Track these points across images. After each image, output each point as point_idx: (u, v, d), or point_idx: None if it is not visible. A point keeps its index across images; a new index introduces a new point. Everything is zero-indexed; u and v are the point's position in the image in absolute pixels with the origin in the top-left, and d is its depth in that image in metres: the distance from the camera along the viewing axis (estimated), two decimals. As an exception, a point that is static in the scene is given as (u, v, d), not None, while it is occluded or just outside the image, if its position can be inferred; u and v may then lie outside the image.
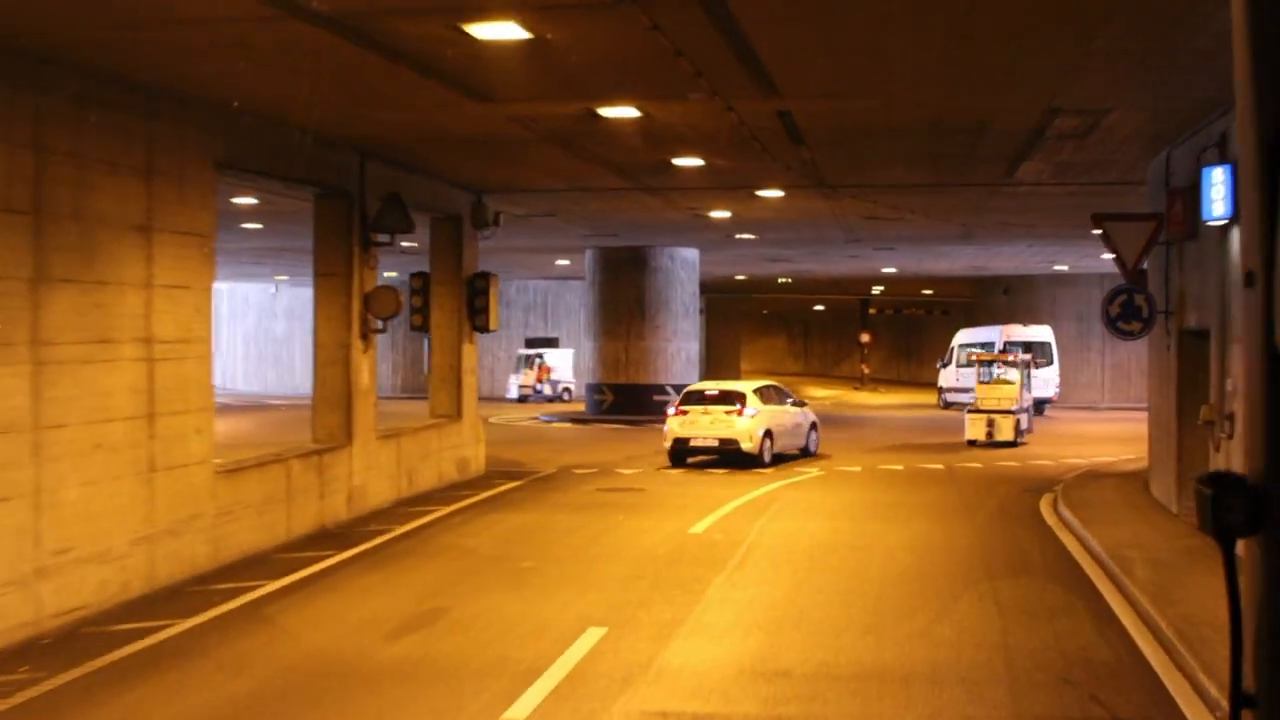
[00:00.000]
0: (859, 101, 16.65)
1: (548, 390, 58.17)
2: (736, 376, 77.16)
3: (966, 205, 29.26)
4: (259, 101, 16.47)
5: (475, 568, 16.52)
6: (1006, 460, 29.93)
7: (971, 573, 16.00)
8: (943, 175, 24.63)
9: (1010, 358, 36.04)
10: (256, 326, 67.78)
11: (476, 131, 18.83)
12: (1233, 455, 16.08)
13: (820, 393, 72.76)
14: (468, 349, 25.72)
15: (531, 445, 34.23)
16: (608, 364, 43.36)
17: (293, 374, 64.17)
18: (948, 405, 51.38)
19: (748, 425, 27.58)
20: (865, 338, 76.86)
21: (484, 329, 25.58)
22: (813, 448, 30.65)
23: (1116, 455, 30.26)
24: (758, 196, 27.25)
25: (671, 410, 28.49)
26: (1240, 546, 1.64)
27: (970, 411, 33.93)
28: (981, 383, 34.82)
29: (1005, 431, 32.90)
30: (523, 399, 57.74)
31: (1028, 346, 45.35)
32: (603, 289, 43.63)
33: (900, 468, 28.38)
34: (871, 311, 78.93)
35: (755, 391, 28.68)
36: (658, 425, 37.53)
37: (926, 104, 17.08)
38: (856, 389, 74.88)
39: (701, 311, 76.86)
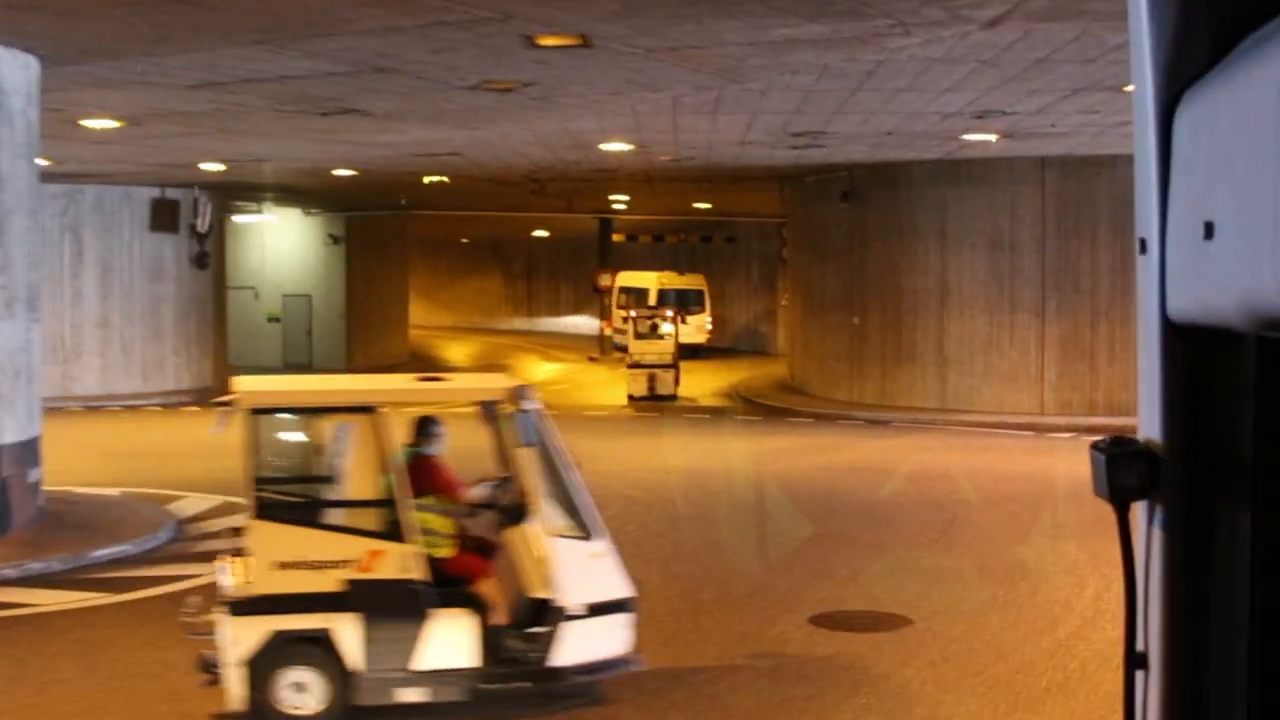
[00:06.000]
0: None
1: None
2: (401, 337, 48.16)
3: None
4: None
5: None
6: None
7: None
8: None
9: (666, 313, 35.91)
10: None
11: None
12: None
13: (544, 368, 44.26)
14: None
15: None
16: None
17: None
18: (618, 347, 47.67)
19: None
20: (605, 280, 48.41)
21: None
22: None
23: None
24: None
25: None
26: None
27: (631, 367, 33.73)
28: (638, 337, 34.08)
29: (665, 386, 32.86)
30: None
31: (681, 295, 47.12)
32: None
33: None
34: (617, 239, 50.39)
35: None
36: None
37: None
38: (593, 361, 46.51)
39: (337, 240, 47.67)
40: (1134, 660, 1.67)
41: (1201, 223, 1.43)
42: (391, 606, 9.04)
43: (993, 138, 23.65)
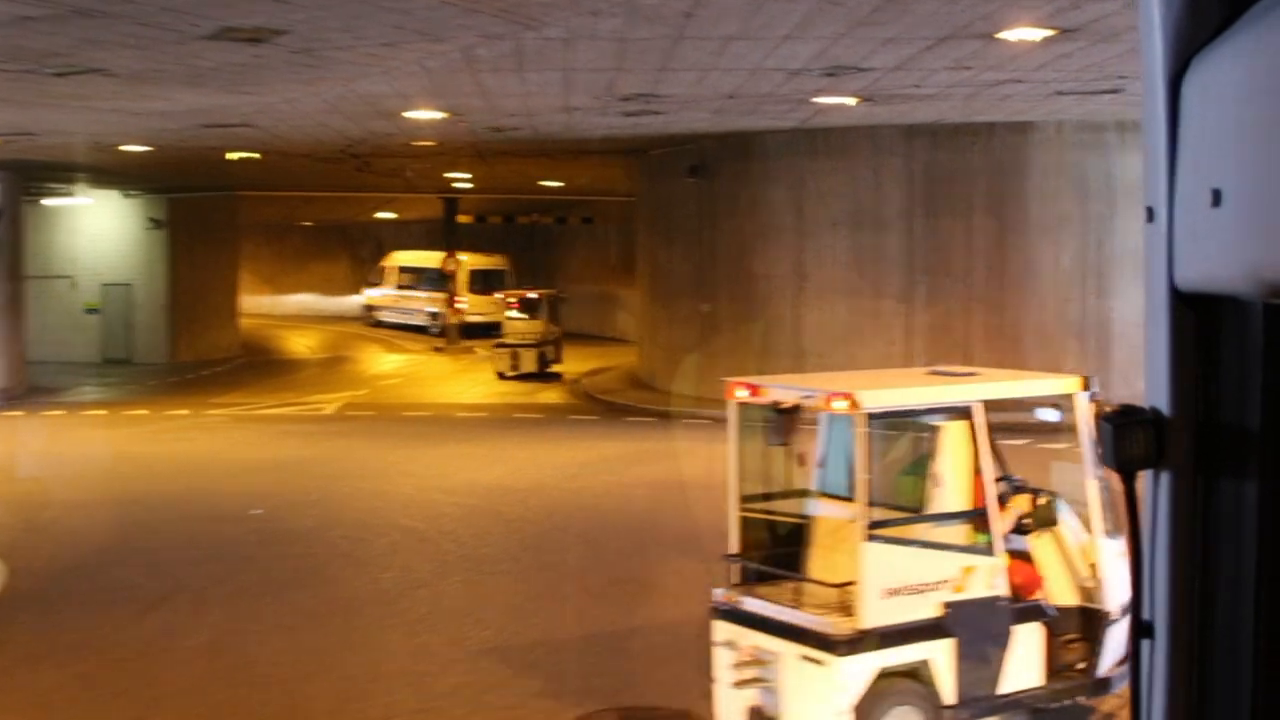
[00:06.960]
0: None
1: None
2: (231, 329, 44.79)
3: None
4: None
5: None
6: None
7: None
8: None
9: (533, 294, 36.08)
10: None
11: None
12: None
13: (386, 360, 41.09)
14: None
15: None
16: None
17: None
18: (378, 324, 51.69)
19: None
20: (452, 265, 45.24)
21: None
22: None
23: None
24: None
25: None
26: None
27: (497, 346, 34.88)
28: (509, 318, 35.06)
29: (528, 363, 33.82)
30: None
31: (487, 276, 46.80)
32: None
33: None
34: (464, 220, 47.19)
35: None
36: None
37: None
38: (438, 352, 43.38)
39: (159, 224, 43.77)
40: (1140, 630, 1.62)
41: (1209, 190, 1.41)
42: (983, 628, 8.38)
43: (851, 101, 20.84)
